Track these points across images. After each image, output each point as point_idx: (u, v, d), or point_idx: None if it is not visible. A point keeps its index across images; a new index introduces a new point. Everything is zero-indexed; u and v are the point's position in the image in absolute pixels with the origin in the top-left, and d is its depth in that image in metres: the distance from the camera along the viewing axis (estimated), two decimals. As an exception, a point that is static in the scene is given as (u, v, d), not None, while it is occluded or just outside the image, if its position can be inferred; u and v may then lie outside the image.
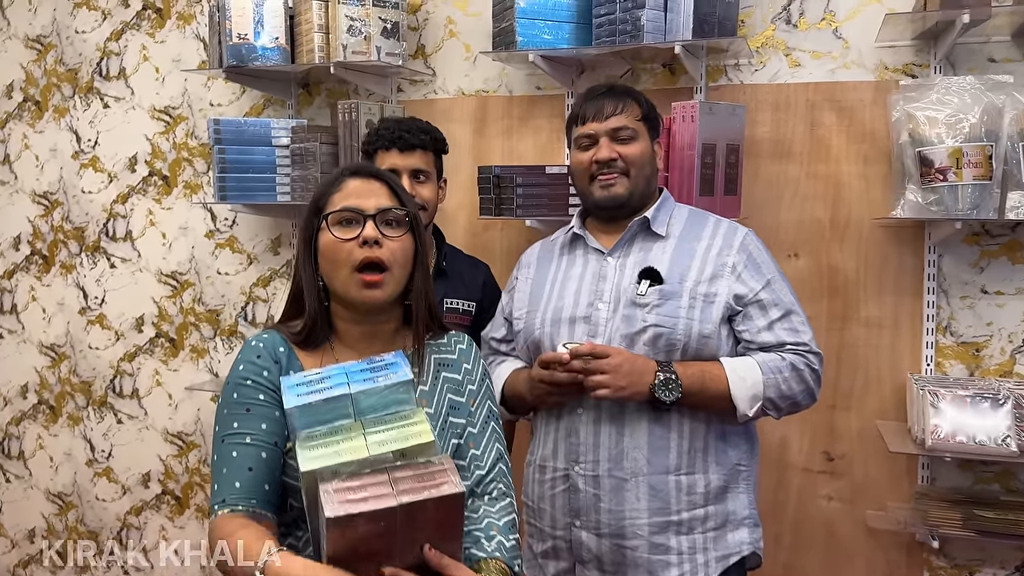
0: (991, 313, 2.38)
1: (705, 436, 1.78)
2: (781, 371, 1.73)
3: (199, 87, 3.22)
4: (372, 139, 2.10)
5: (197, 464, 3.35)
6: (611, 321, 1.80)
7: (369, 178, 1.51)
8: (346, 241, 1.43)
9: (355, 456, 1.22)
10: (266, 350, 1.46)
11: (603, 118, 1.86)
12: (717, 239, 1.83)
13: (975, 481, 2.42)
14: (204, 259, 3.27)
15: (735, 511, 1.81)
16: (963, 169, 2.06)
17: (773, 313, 1.76)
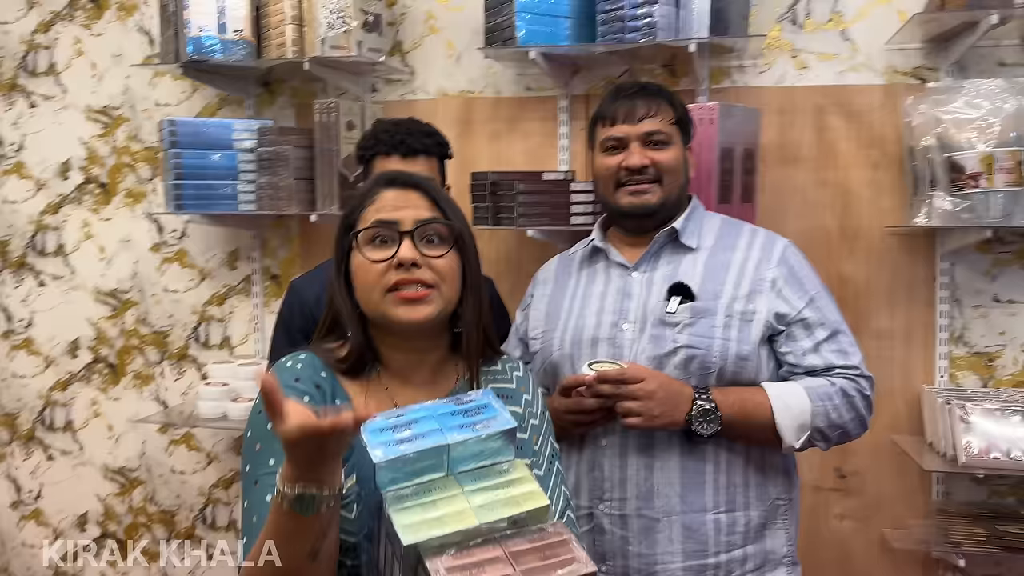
0: (1004, 322, 2.33)
1: (744, 470, 1.62)
2: (831, 398, 1.58)
3: (143, 85, 2.91)
4: (369, 144, 1.88)
5: (142, 503, 3.02)
6: (637, 342, 1.62)
7: (406, 188, 1.28)
8: (378, 263, 1.22)
9: (462, 525, 1.02)
10: (305, 373, 1.23)
11: (635, 120, 1.68)
12: (754, 251, 1.68)
13: (989, 495, 2.36)
14: (149, 275, 2.96)
15: (774, 550, 1.66)
16: (995, 175, 1.98)
17: (819, 333, 1.61)
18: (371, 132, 1.89)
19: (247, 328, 2.88)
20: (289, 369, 1.24)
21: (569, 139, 2.54)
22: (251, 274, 2.85)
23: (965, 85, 2.06)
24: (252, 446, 1.20)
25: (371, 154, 1.88)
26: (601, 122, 1.74)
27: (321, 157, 2.39)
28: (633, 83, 1.76)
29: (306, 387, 1.22)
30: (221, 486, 2.95)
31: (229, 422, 2.61)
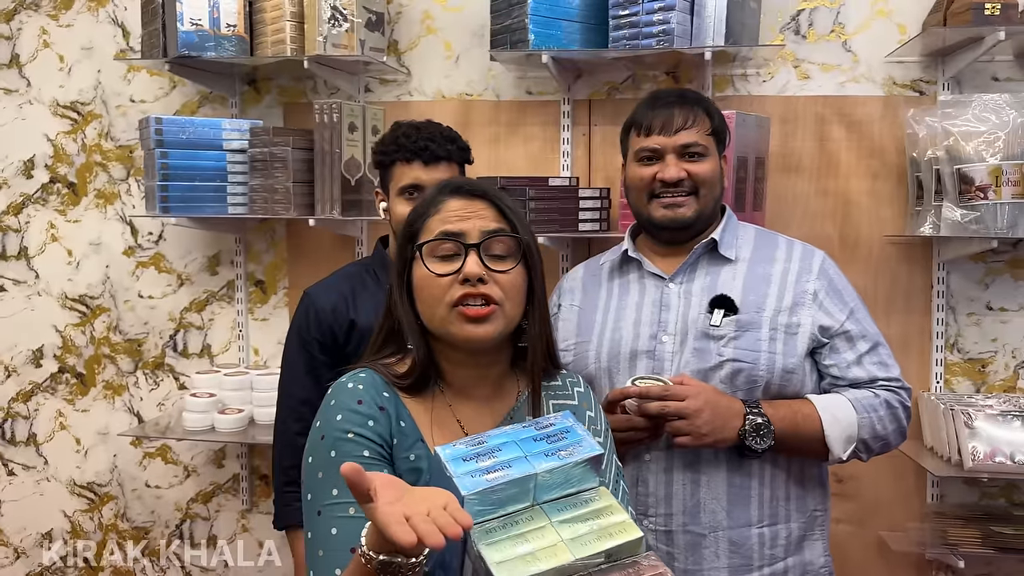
0: (996, 329, 2.40)
1: (786, 483, 1.62)
2: (876, 409, 1.59)
3: (116, 80, 2.76)
4: (389, 149, 1.81)
5: (113, 519, 2.87)
6: (678, 355, 1.60)
7: (472, 196, 1.22)
8: (442, 276, 1.17)
9: (557, 562, 0.98)
10: (367, 394, 1.17)
11: (672, 132, 1.64)
12: (793, 263, 1.67)
13: (981, 496, 2.43)
14: (122, 280, 2.81)
15: (812, 561, 1.66)
16: (1003, 187, 2.04)
17: (861, 346, 1.62)
18: (390, 136, 1.83)
19: (229, 336, 2.76)
20: (351, 391, 1.18)
21: (572, 144, 2.52)
22: (234, 279, 2.74)
23: (973, 99, 2.11)
24: (314, 473, 1.14)
25: (390, 159, 1.82)
26: (636, 130, 1.70)
27: (322, 159, 2.30)
28: (670, 91, 1.73)
29: (369, 410, 1.16)
30: (200, 500, 2.82)
31: (217, 434, 2.50)
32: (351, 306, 1.85)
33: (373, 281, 1.91)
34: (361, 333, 1.83)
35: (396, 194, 1.82)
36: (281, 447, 1.88)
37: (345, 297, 1.86)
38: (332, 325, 1.83)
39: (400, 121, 1.88)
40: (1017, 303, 2.38)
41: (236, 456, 2.78)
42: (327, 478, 1.12)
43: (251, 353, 2.76)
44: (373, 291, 1.89)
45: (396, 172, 1.83)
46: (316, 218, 2.35)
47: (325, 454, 1.13)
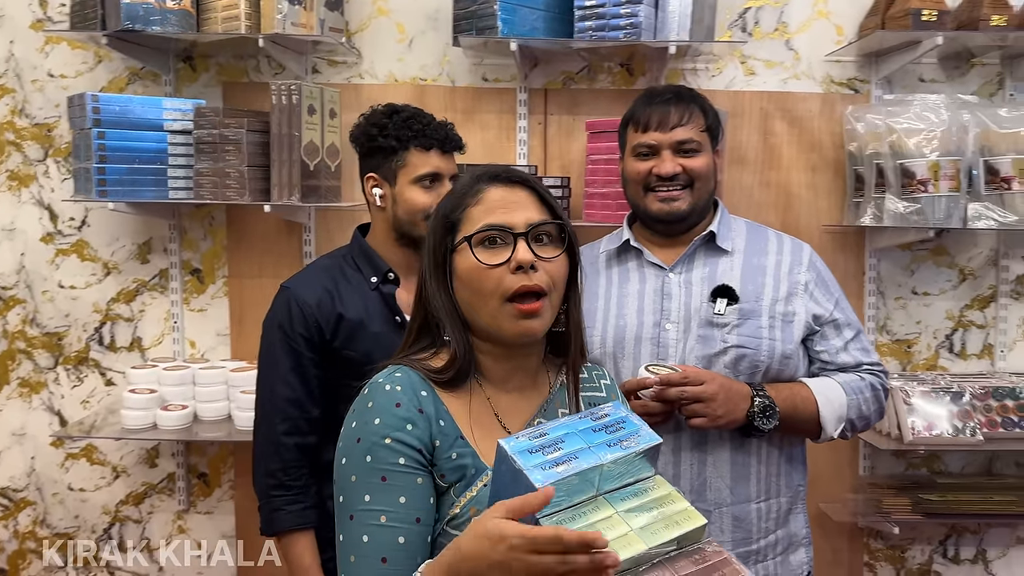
0: (920, 313, 2.59)
1: (779, 460, 1.72)
2: (862, 391, 1.71)
3: (32, 52, 2.55)
4: (402, 134, 1.76)
5: (31, 526, 2.67)
6: (681, 342, 1.67)
7: (513, 185, 1.21)
8: (494, 267, 1.16)
9: (633, 551, 0.99)
10: (406, 395, 1.14)
11: (668, 128, 1.69)
12: (785, 255, 1.76)
13: (907, 467, 2.63)
14: (39, 269, 2.60)
15: (796, 532, 1.76)
16: (940, 181, 2.20)
17: (847, 333, 1.73)
18: (394, 120, 1.78)
19: (162, 327, 2.61)
20: (388, 393, 1.14)
21: (528, 133, 2.52)
22: (168, 268, 2.59)
23: (915, 99, 2.26)
24: (347, 475, 1.12)
25: (404, 145, 1.77)
26: (633, 126, 1.74)
27: (279, 143, 2.21)
28: (666, 88, 1.77)
29: (407, 413, 1.13)
30: (131, 502, 2.66)
31: (160, 432, 2.36)
32: (337, 299, 1.78)
33: (355, 272, 1.84)
34: (349, 327, 1.77)
35: (411, 181, 1.77)
36: (266, 450, 1.77)
37: (328, 291, 1.79)
38: (319, 320, 1.76)
39: (389, 105, 1.83)
40: (938, 288, 2.58)
41: (171, 454, 2.63)
42: (360, 483, 1.10)
43: (187, 346, 2.62)
44: (356, 283, 1.83)
45: (411, 158, 1.79)
46: (272, 204, 2.25)
47: (361, 458, 1.11)
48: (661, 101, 1.72)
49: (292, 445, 1.76)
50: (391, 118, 1.79)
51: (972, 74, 2.54)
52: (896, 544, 2.64)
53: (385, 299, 1.82)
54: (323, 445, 1.81)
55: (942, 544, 2.65)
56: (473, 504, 1.11)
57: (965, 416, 2.31)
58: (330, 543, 1.76)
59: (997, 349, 2.58)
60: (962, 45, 2.43)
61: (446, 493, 1.13)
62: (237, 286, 2.59)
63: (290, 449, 1.76)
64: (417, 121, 1.79)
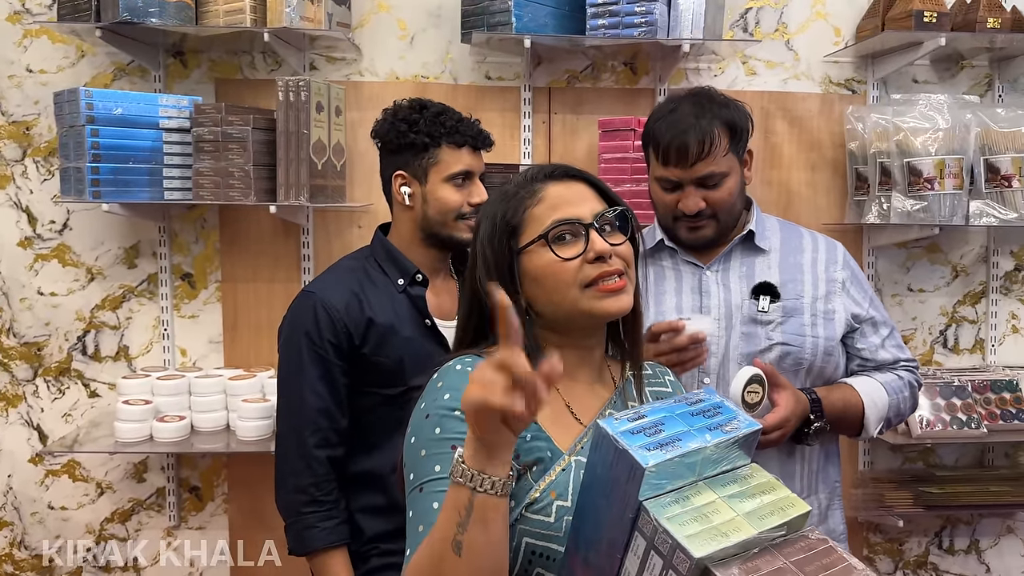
0: (916, 309, 2.65)
1: (819, 457, 1.74)
2: (902, 391, 1.74)
3: (8, 46, 2.41)
4: (435, 130, 1.71)
5: (7, 548, 2.51)
6: (723, 339, 1.66)
7: (569, 180, 1.22)
8: (571, 260, 1.15)
9: (742, 536, 0.98)
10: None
11: (688, 165, 1.62)
12: (820, 253, 1.77)
13: (903, 462, 2.68)
14: (16, 276, 2.46)
15: (834, 528, 1.78)
16: (945, 179, 2.25)
17: (883, 331, 1.76)
18: (431, 117, 1.72)
19: (150, 335, 2.49)
20: (459, 372, 1.14)
21: (532, 131, 2.49)
22: (157, 273, 2.47)
23: (920, 99, 2.30)
24: (416, 452, 1.10)
25: (436, 142, 1.72)
26: (654, 152, 1.67)
27: (287, 141, 2.13)
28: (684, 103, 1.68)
29: None
30: (116, 520, 2.53)
31: (156, 444, 2.25)
32: (365, 303, 1.71)
33: (380, 274, 1.78)
34: (380, 332, 1.70)
35: (443, 179, 1.73)
36: (296, 465, 1.68)
37: (356, 294, 1.72)
38: (347, 325, 1.69)
39: (416, 100, 1.78)
40: (933, 284, 2.64)
41: (160, 468, 2.51)
42: (430, 456, 1.08)
43: (177, 354, 2.50)
44: (383, 286, 1.76)
45: (443, 156, 1.74)
46: (279, 204, 2.16)
47: (429, 432, 1.10)
48: (679, 131, 1.62)
49: (324, 458, 1.69)
50: (421, 113, 1.74)
51: (962, 76, 2.60)
52: (894, 537, 2.68)
53: (414, 302, 1.77)
54: (348, 457, 1.75)
55: (937, 536, 2.70)
56: (552, 488, 1.11)
57: (968, 409, 2.36)
58: (361, 558, 1.72)
59: (988, 344, 2.65)
60: (954, 48, 2.49)
61: (521, 478, 1.11)
62: (231, 291, 2.48)
63: (322, 463, 1.69)
64: (449, 117, 1.74)
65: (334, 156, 2.23)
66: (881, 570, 2.69)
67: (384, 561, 1.69)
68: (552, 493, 1.10)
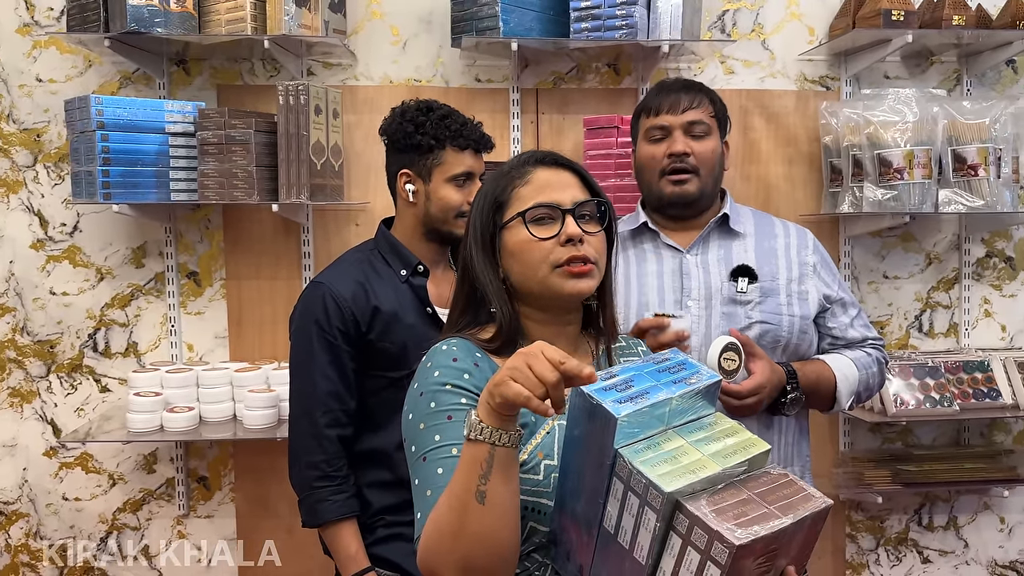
0: (891, 295, 2.76)
1: (795, 431, 1.85)
2: (870, 367, 1.86)
3: (18, 57, 2.52)
4: (440, 132, 1.82)
5: (24, 539, 2.61)
6: (703, 318, 1.77)
7: (558, 167, 1.32)
8: (545, 239, 1.25)
9: (708, 472, 1.08)
10: (462, 353, 1.24)
11: (679, 111, 1.82)
12: (792, 238, 1.89)
13: (883, 441, 2.79)
14: (29, 276, 2.57)
15: None
16: (914, 169, 2.36)
17: (851, 311, 1.88)
18: (437, 120, 1.83)
19: (158, 332, 2.60)
20: (446, 352, 1.24)
21: (521, 131, 2.60)
22: (164, 272, 2.58)
23: (889, 93, 2.42)
24: (415, 427, 1.20)
25: (440, 144, 1.82)
26: (645, 113, 1.85)
27: (287, 142, 2.24)
28: (676, 80, 1.90)
29: (464, 365, 1.22)
30: (128, 509, 2.63)
31: (167, 434, 2.36)
32: (371, 292, 1.82)
33: (384, 265, 1.89)
34: (385, 319, 1.81)
35: (445, 180, 1.83)
36: (308, 443, 1.79)
37: (361, 284, 1.83)
38: (355, 313, 1.79)
39: (423, 102, 1.88)
40: (907, 271, 2.75)
41: (170, 459, 2.62)
42: (429, 428, 1.18)
43: (184, 349, 2.61)
44: (387, 276, 1.87)
45: (447, 157, 1.84)
46: (281, 203, 2.28)
47: (425, 407, 1.20)
48: (672, 89, 1.85)
49: (334, 437, 1.80)
50: (427, 115, 1.84)
51: (932, 71, 2.72)
52: (875, 515, 2.79)
53: (416, 291, 1.87)
54: (356, 436, 1.86)
55: (917, 513, 2.81)
56: (540, 449, 1.20)
57: (941, 388, 2.48)
58: (368, 529, 1.83)
59: (962, 328, 2.76)
60: (923, 44, 2.61)
61: None
62: (235, 288, 2.59)
63: (332, 441, 1.80)
64: (454, 121, 1.85)
65: (332, 157, 2.35)
66: (863, 547, 2.80)
67: (390, 531, 1.80)
68: (539, 454, 1.20)
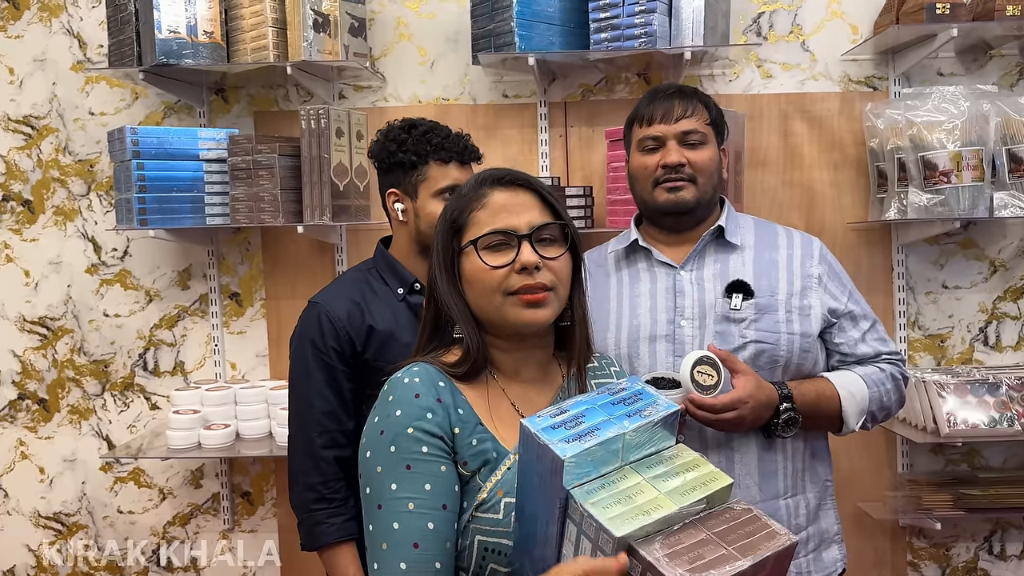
0: (952, 306, 2.58)
1: (803, 455, 1.72)
2: (884, 383, 1.71)
3: (73, 92, 2.67)
4: (420, 149, 1.81)
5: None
6: (697, 338, 1.67)
7: (515, 188, 1.26)
8: (499, 268, 1.21)
9: (664, 512, 1.02)
10: (424, 387, 1.18)
11: (672, 120, 1.72)
12: (795, 249, 1.77)
13: (946, 464, 2.60)
14: (85, 299, 2.71)
15: (828, 528, 1.76)
16: (963, 171, 2.20)
17: (863, 324, 1.74)
18: (413, 136, 1.82)
19: (203, 351, 2.69)
20: (408, 386, 1.19)
21: (549, 146, 2.58)
22: (208, 293, 2.67)
23: (932, 91, 2.27)
24: (372, 467, 1.16)
25: (423, 160, 1.81)
26: (638, 123, 1.77)
27: (309, 165, 2.28)
28: (669, 85, 1.81)
29: (426, 402, 1.17)
30: (177, 523, 2.73)
31: (204, 451, 2.43)
32: (366, 312, 1.82)
33: (381, 284, 1.89)
34: (380, 338, 1.81)
35: (431, 195, 1.81)
36: (305, 465, 1.80)
37: (357, 303, 1.83)
38: (350, 332, 1.80)
39: (405, 120, 1.87)
40: (969, 281, 2.57)
41: (215, 475, 2.70)
42: (386, 472, 1.14)
43: (228, 368, 2.69)
44: (384, 295, 1.87)
45: (431, 172, 1.82)
46: (305, 224, 2.32)
47: (385, 449, 1.15)
48: (665, 96, 1.75)
49: (331, 458, 1.79)
50: (409, 133, 1.84)
51: (991, 65, 2.54)
52: (939, 542, 2.61)
53: (413, 309, 1.86)
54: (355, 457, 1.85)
55: (987, 540, 2.61)
56: (500, 487, 1.15)
57: (1002, 407, 2.29)
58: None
59: (1033, 340, 2.56)
60: (979, 37, 2.44)
61: (471, 480, 1.16)
62: (274, 308, 2.66)
63: (329, 462, 1.79)
64: (435, 135, 1.83)
65: (356, 178, 2.38)
66: (928, 576, 2.62)
67: None
68: (499, 492, 1.15)
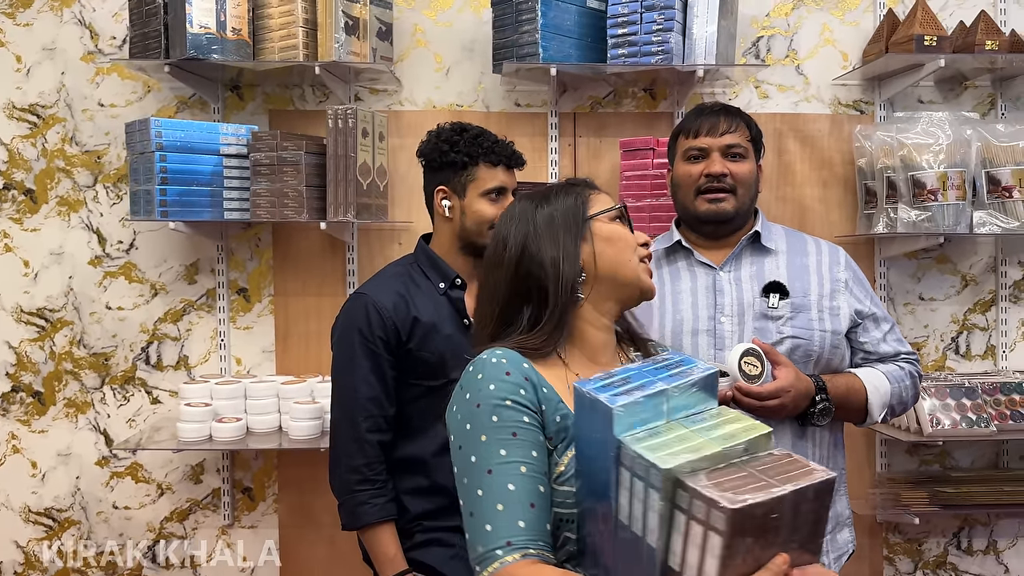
0: (927, 317, 2.77)
1: (830, 443, 1.87)
2: (903, 380, 1.88)
3: (83, 83, 2.65)
4: (472, 151, 1.91)
5: (74, 546, 2.70)
6: (736, 333, 1.82)
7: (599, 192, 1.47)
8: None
9: (709, 451, 1.11)
10: (512, 366, 1.27)
11: (717, 134, 1.88)
12: (823, 256, 1.93)
13: (920, 463, 2.78)
14: (87, 291, 2.68)
15: (841, 512, 1.91)
16: (948, 191, 2.39)
17: (884, 326, 1.91)
18: (464, 138, 1.91)
19: (208, 346, 2.69)
20: (496, 364, 1.26)
21: (559, 154, 2.68)
22: (215, 288, 2.68)
23: (921, 116, 2.46)
24: (476, 437, 1.22)
25: (474, 161, 1.91)
26: (684, 135, 1.92)
27: (335, 163, 2.33)
28: (714, 103, 1.96)
29: (517, 379, 1.25)
30: (175, 519, 2.71)
31: (215, 443, 2.44)
32: (411, 304, 1.90)
33: (423, 278, 1.96)
34: (424, 329, 1.88)
35: (479, 194, 1.91)
36: (349, 448, 1.86)
37: (402, 295, 1.90)
38: (396, 323, 1.87)
39: (457, 124, 1.96)
40: (943, 293, 2.77)
41: (216, 470, 2.70)
42: (492, 440, 1.21)
43: (233, 363, 2.70)
44: (426, 289, 1.94)
45: (480, 173, 1.92)
46: (328, 221, 2.37)
47: (486, 419, 1.22)
48: (711, 112, 1.92)
49: (375, 442, 1.86)
50: (461, 135, 1.93)
51: (966, 95, 2.76)
52: (913, 537, 2.78)
53: (453, 303, 1.94)
54: (394, 442, 1.92)
55: (956, 536, 2.80)
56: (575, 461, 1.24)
57: (978, 410, 2.48)
58: (406, 535, 1.88)
59: (999, 350, 2.76)
60: (956, 69, 2.65)
61: (551, 455, 1.24)
62: (283, 304, 2.69)
63: (373, 446, 1.86)
64: (486, 139, 1.94)
65: (377, 177, 2.44)
66: (901, 570, 2.78)
67: (428, 536, 1.86)
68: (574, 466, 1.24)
